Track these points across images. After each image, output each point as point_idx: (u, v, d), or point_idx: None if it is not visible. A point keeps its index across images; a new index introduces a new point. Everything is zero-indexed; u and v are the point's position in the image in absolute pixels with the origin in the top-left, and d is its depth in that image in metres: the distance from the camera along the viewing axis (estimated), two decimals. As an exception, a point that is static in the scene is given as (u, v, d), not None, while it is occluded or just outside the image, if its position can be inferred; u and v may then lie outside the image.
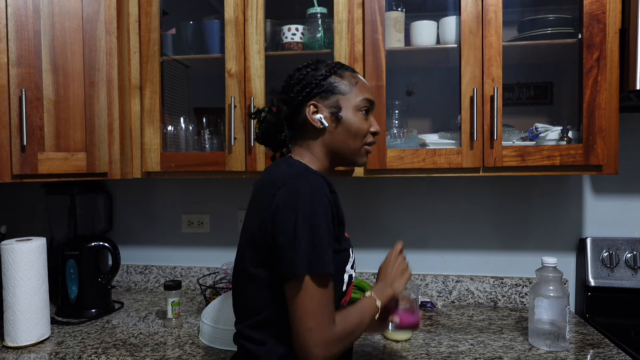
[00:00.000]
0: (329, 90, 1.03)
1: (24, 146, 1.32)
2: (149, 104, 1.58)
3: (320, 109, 1.03)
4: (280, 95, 1.08)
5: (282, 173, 0.96)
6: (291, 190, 0.90)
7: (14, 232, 1.77)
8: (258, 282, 0.95)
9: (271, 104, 1.08)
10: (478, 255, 1.76)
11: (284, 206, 0.89)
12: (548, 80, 1.68)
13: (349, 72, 1.07)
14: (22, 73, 1.33)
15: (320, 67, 1.06)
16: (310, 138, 1.05)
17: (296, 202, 0.88)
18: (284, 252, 0.88)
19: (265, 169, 1.07)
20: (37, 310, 1.38)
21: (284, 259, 0.88)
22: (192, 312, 1.66)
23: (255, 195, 1.02)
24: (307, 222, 0.87)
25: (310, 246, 0.87)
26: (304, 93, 1.03)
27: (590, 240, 1.63)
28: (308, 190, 0.89)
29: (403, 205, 1.79)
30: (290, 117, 1.06)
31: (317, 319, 0.87)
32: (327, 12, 1.54)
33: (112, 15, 1.50)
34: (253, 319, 0.98)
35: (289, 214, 0.88)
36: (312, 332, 0.86)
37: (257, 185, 1.04)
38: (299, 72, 1.06)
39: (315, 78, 1.03)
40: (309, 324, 0.86)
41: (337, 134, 1.04)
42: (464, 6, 1.40)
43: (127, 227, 1.98)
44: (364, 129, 1.05)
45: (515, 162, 1.40)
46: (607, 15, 1.35)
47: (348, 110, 1.03)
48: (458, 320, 1.56)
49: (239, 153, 1.52)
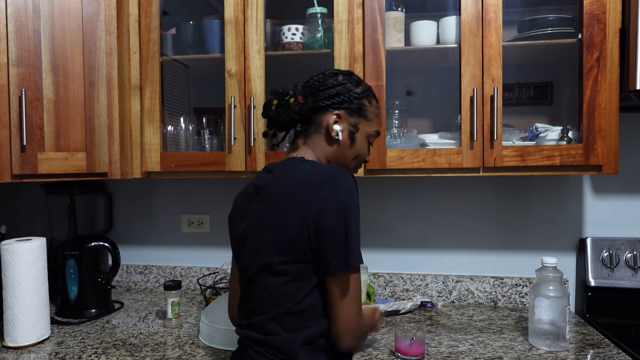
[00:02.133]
0: (357, 110, 1.09)
1: (24, 146, 1.32)
2: (149, 104, 1.58)
3: (342, 122, 1.08)
4: (309, 89, 1.10)
5: (315, 171, 1.00)
6: (334, 189, 0.95)
7: (14, 232, 1.77)
8: (285, 276, 0.98)
9: (296, 92, 1.10)
10: (478, 255, 1.76)
11: (332, 204, 0.94)
12: (548, 80, 1.68)
13: (376, 102, 1.15)
14: (22, 73, 1.33)
15: (358, 84, 1.11)
16: (318, 140, 1.09)
17: (342, 201, 0.94)
18: (335, 248, 0.94)
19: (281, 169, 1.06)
20: (37, 310, 1.38)
21: (336, 254, 0.94)
22: (192, 312, 1.66)
23: (282, 194, 1.00)
24: (353, 218, 0.95)
25: (357, 242, 0.96)
26: (334, 100, 1.07)
27: (590, 240, 1.63)
28: (349, 188, 0.96)
29: (403, 205, 1.79)
30: (309, 113, 1.08)
31: (359, 305, 0.98)
32: (327, 12, 1.54)
33: (112, 15, 1.50)
34: (273, 311, 0.99)
35: (337, 213, 0.94)
36: (357, 318, 0.97)
37: (278, 184, 1.02)
38: (334, 78, 1.09)
39: (351, 93, 1.08)
40: (354, 311, 0.97)
41: (343, 149, 1.10)
42: (464, 6, 1.40)
43: (127, 227, 1.98)
44: (364, 156, 1.15)
45: (515, 162, 1.40)
46: (607, 15, 1.35)
47: (362, 134, 1.11)
48: (458, 320, 1.56)
49: (239, 153, 1.52)
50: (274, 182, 1.04)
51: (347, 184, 0.96)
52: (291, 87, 1.13)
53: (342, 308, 0.96)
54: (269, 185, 1.04)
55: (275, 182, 1.04)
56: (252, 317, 1.03)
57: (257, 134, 1.51)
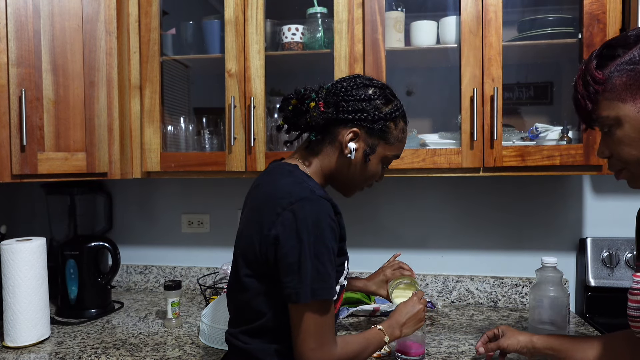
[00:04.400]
0: (379, 131, 1.00)
1: (23, 146, 1.32)
2: (149, 104, 1.58)
3: (359, 140, 1.00)
4: (334, 96, 1.00)
5: (288, 190, 0.93)
6: (296, 216, 0.88)
7: (14, 232, 1.77)
8: (251, 291, 0.97)
9: (319, 96, 0.99)
10: (478, 255, 1.76)
11: (290, 231, 0.89)
12: (548, 80, 1.68)
13: (403, 124, 1.05)
14: (22, 73, 1.33)
15: (388, 102, 1.01)
16: (329, 152, 1.02)
17: (301, 229, 0.88)
18: (288, 276, 0.89)
19: (267, 172, 1.04)
20: (37, 310, 1.38)
21: (288, 283, 0.89)
22: (192, 312, 1.66)
23: (254, 207, 0.99)
24: (312, 250, 0.88)
25: (315, 273, 0.88)
26: (357, 115, 0.98)
27: (590, 240, 1.63)
28: (314, 217, 0.89)
29: (403, 205, 1.79)
30: (327, 123, 1.00)
31: (319, 340, 0.90)
32: (327, 12, 1.54)
33: (112, 15, 1.50)
34: (246, 326, 1.00)
35: (294, 240, 0.88)
36: (314, 352, 0.89)
37: (258, 194, 1.01)
38: (364, 90, 0.99)
39: (377, 112, 0.99)
40: (310, 345, 0.89)
41: (353, 168, 1.03)
42: (464, 6, 1.40)
43: (127, 227, 1.98)
44: (375, 177, 1.07)
45: (515, 162, 1.40)
46: (607, 15, 1.35)
47: (377, 156, 1.03)
48: (458, 320, 1.56)
49: (238, 153, 1.52)
50: (257, 189, 1.03)
51: (314, 211, 0.89)
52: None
53: (295, 337, 0.92)
54: (253, 192, 1.04)
55: (257, 191, 1.02)
56: (230, 325, 1.06)
57: (257, 134, 1.51)
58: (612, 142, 0.83)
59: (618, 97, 0.79)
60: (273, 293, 0.94)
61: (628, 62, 0.78)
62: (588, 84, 0.82)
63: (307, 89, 1.01)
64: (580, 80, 0.84)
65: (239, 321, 1.02)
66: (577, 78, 0.85)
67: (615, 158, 0.85)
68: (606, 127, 0.83)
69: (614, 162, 0.86)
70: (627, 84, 0.78)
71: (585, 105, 0.83)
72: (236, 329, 1.02)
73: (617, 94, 0.79)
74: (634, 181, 0.87)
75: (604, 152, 0.86)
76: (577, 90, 0.85)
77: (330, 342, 0.92)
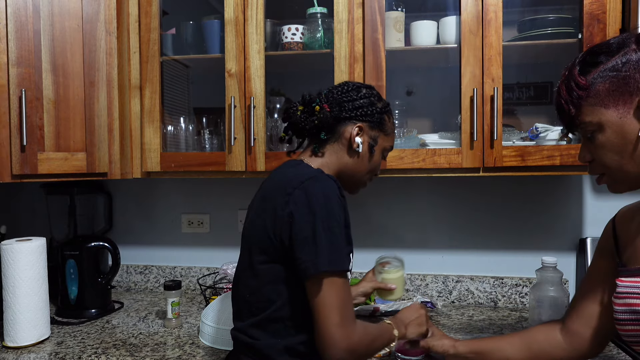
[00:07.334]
0: (378, 123, 1.11)
1: (23, 146, 1.32)
2: (149, 104, 1.58)
3: (363, 134, 1.09)
4: (334, 99, 1.09)
5: (296, 175, 0.99)
6: (307, 193, 0.94)
7: (14, 232, 1.77)
8: (264, 277, 0.99)
9: (322, 100, 1.10)
10: (478, 255, 1.76)
11: (303, 206, 0.93)
12: (548, 80, 1.68)
13: (392, 119, 1.17)
14: (22, 73, 1.33)
15: (379, 99, 1.14)
16: (337, 150, 1.10)
17: (314, 204, 0.92)
18: (304, 250, 0.92)
19: (276, 170, 1.10)
20: (37, 310, 1.38)
21: (304, 256, 0.92)
22: (192, 312, 1.66)
23: (265, 195, 1.04)
24: (325, 223, 0.92)
25: (330, 244, 0.91)
26: (359, 112, 1.08)
27: (590, 240, 1.63)
28: (322, 192, 0.94)
29: (403, 205, 1.79)
30: (333, 122, 1.09)
31: (341, 313, 0.91)
32: (327, 12, 1.54)
33: (112, 15, 1.50)
34: (254, 317, 1.01)
35: (307, 216, 0.92)
36: (339, 328, 0.90)
37: (268, 185, 1.06)
38: (358, 91, 1.11)
39: (374, 107, 1.10)
40: (334, 319, 0.90)
41: (361, 161, 1.11)
42: (464, 6, 1.40)
43: (127, 227, 1.98)
44: (377, 169, 1.17)
45: (516, 162, 1.40)
46: (607, 15, 1.35)
47: (379, 148, 1.13)
48: (458, 320, 1.56)
49: (238, 153, 1.52)
50: (266, 183, 1.08)
51: (323, 187, 0.95)
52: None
53: (316, 314, 0.91)
54: (263, 186, 1.09)
55: (266, 184, 1.08)
56: (237, 320, 1.06)
57: (257, 134, 1.51)
58: (594, 147, 0.85)
59: (601, 102, 0.81)
60: (286, 278, 0.97)
61: (611, 69, 0.80)
62: (572, 89, 0.84)
63: (311, 95, 1.12)
64: (563, 86, 0.86)
65: (246, 313, 1.03)
66: (560, 83, 0.87)
67: (596, 163, 0.86)
68: (589, 132, 0.84)
69: (595, 167, 0.88)
70: (610, 90, 0.80)
71: (568, 110, 0.85)
72: (243, 322, 1.03)
73: (600, 99, 0.81)
74: (614, 186, 0.89)
75: (586, 156, 0.88)
76: (560, 95, 0.86)
77: (353, 318, 0.93)
